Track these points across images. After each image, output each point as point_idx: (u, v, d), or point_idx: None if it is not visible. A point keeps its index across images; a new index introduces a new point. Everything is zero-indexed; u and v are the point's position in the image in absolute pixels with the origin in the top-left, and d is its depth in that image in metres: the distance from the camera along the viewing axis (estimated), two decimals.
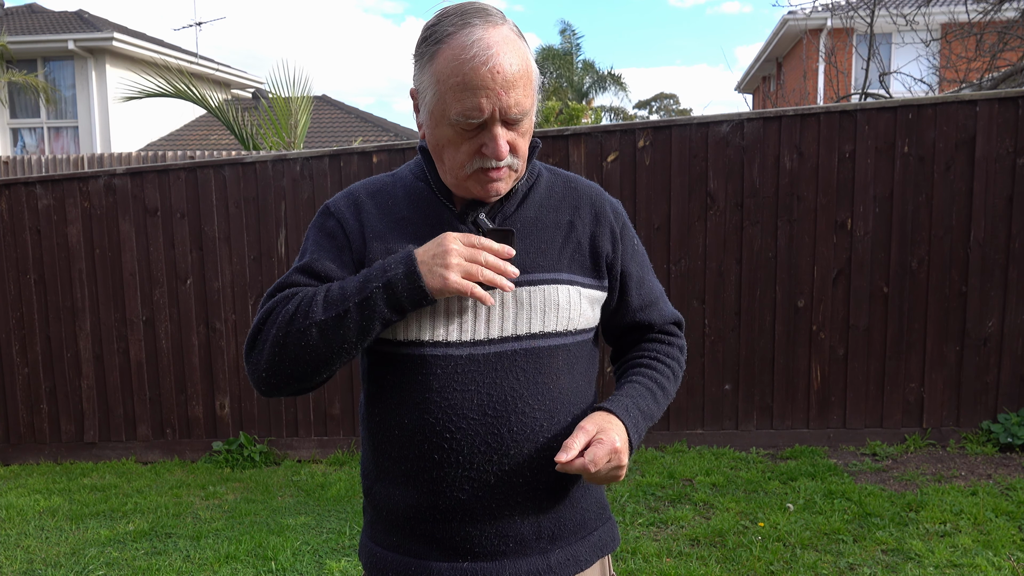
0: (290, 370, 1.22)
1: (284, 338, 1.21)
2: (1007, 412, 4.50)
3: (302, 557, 3.50)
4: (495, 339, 1.24)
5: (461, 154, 1.22)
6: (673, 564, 3.21)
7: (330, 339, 1.20)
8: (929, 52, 8.21)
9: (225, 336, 5.10)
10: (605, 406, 1.26)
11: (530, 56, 1.24)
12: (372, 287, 1.19)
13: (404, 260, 1.19)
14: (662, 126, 4.75)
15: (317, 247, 1.30)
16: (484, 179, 1.23)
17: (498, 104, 1.17)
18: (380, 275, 1.19)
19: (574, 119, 22.43)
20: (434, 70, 1.20)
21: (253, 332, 1.25)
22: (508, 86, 1.17)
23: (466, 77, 1.16)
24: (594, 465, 1.15)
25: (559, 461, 1.14)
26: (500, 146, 1.20)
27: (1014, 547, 3.21)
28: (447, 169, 1.26)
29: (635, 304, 1.39)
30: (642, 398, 1.31)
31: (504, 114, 1.18)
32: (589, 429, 1.19)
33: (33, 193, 5.19)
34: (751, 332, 4.69)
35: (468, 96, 1.17)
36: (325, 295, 1.21)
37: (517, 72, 1.18)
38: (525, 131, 1.24)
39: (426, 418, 1.23)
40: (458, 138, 1.21)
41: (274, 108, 7.84)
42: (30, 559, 3.67)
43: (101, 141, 14.37)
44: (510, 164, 1.24)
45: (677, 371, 1.41)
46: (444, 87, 1.19)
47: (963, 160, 4.45)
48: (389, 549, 1.31)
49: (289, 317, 1.21)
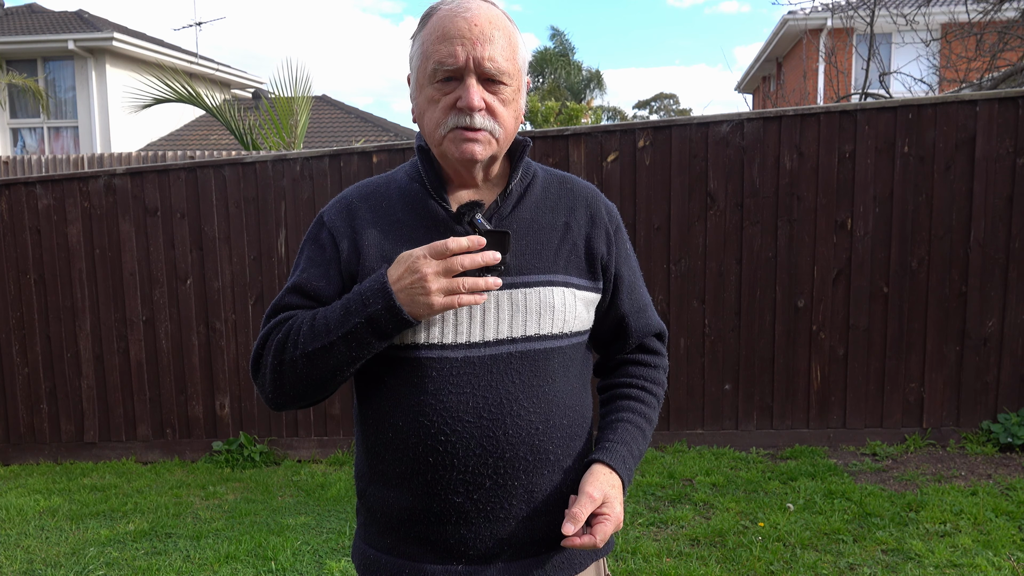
0: (291, 392, 1.26)
1: (279, 366, 1.24)
2: (1007, 412, 4.50)
3: (302, 557, 3.50)
4: (490, 341, 1.24)
5: (438, 111, 1.23)
6: (673, 564, 3.21)
7: (320, 367, 1.22)
8: (929, 52, 8.21)
9: (225, 336, 5.10)
10: (604, 460, 1.27)
11: (516, 34, 1.27)
12: (354, 322, 1.19)
13: (381, 294, 1.17)
14: (662, 126, 4.75)
15: (309, 262, 1.32)
16: (459, 138, 1.23)
17: (473, 53, 1.20)
18: (360, 309, 1.19)
19: (573, 119, 22.44)
20: (421, 38, 1.25)
21: (255, 357, 1.30)
22: (484, 39, 1.20)
23: (444, 28, 1.21)
24: (603, 542, 1.19)
25: (566, 533, 1.16)
26: (472, 95, 1.20)
27: (1014, 547, 3.21)
28: (427, 133, 1.27)
29: (624, 308, 1.39)
30: (635, 441, 1.33)
31: (479, 65, 1.20)
32: (596, 497, 1.21)
33: (33, 193, 5.20)
34: (751, 332, 4.69)
35: (444, 45, 1.20)
36: (311, 325, 1.22)
37: (496, 32, 1.21)
38: (505, 100, 1.24)
39: (421, 420, 1.22)
40: (436, 94, 1.23)
41: (275, 108, 7.84)
42: (30, 559, 3.67)
43: (101, 141, 14.37)
44: (490, 129, 1.23)
45: (661, 396, 1.44)
46: (426, 45, 1.23)
47: (963, 160, 4.45)
48: (383, 551, 1.30)
49: (280, 346, 1.24)
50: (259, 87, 18.29)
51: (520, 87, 1.28)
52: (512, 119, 1.27)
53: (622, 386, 1.42)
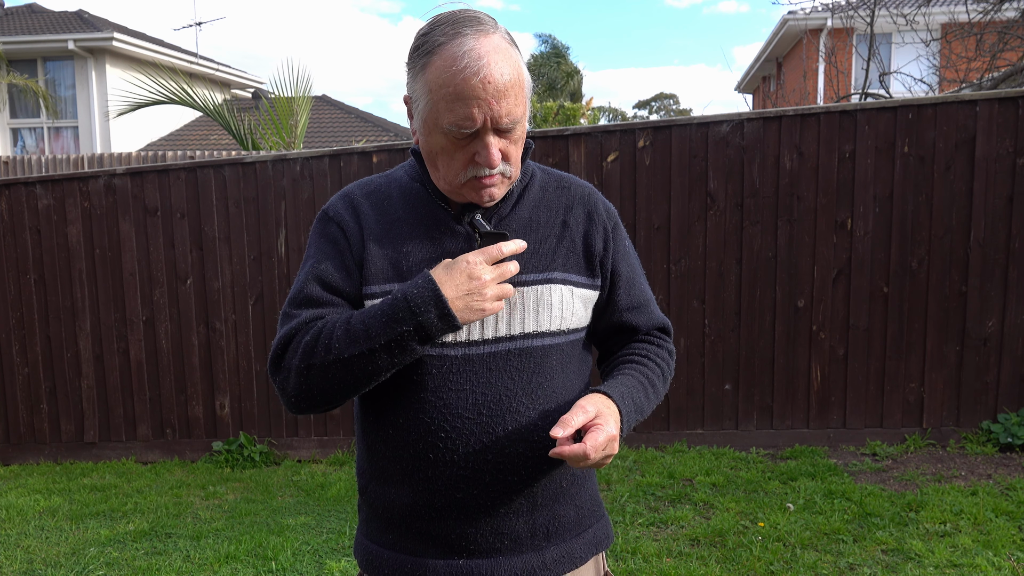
0: (319, 396, 1.24)
1: (307, 370, 1.21)
2: (1007, 412, 4.50)
3: (302, 557, 3.50)
4: (489, 339, 1.25)
5: (455, 163, 1.23)
6: (673, 564, 3.21)
7: (356, 372, 1.20)
8: (929, 52, 8.21)
9: (225, 336, 5.10)
10: (602, 389, 1.25)
11: (522, 63, 1.24)
12: (402, 330, 1.17)
13: (434, 301, 1.17)
14: (662, 126, 4.75)
15: (322, 255, 1.30)
16: (478, 185, 1.24)
17: (490, 114, 1.18)
18: (408, 316, 1.17)
19: (571, 119, 22.45)
20: (426, 79, 1.20)
21: (275, 354, 1.26)
22: (500, 95, 1.17)
23: (458, 88, 1.16)
24: (594, 451, 1.14)
25: (554, 436, 1.12)
26: (492, 154, 1.20)
27: (1014, 547, 3.21)
28: (441, 176, 1.26)
29: (623, 304, 1.39)
30: (636, 391, 1.30)
31: (496, 123, 1.19)
32: (589, 410, 1.18)
33: (33, 193, 5.20)
34: (751, 332, 4.69)
35: (460, 106, 1.17)
36: (346, 330, 1.20)
37: (508, 81, 1.18)
38: (517, 138, 1.25)
39: (421, 417, 1.24)
40: (451, 146, 1.22)
41: (275, 108, 7.83)
42: (30, 559, 3.67)
43: (101, 141, 14.37)
44: (503, 171, 1.24)
45: (667, 373, 1.40)
46: (436, 97, 1.19)
47: (963, 160, 4.45)
48: (385, 547, 1.32)
49: (309, 349, 1.21)
50: (259, 87, 18.29)
51: (526, 110, 1.26)
52: (521, 146, 1.28)
53: (624, 354, 1.40)
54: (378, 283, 1.27)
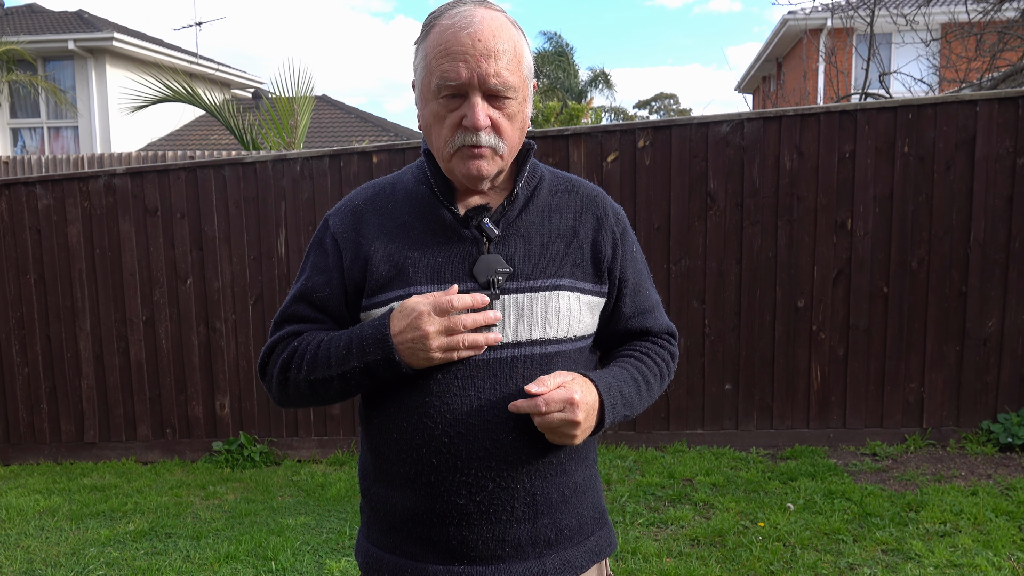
0: (297, 402, 1.36)
1: (284, 382, 1.32)
2: (1007, 412, 4.49)
3: (302, 557, 3.50)
4: (496, 345, 1.24)
5: (445, 129, 1.23)
6: (673, 564, 3.21)
7: (321, 392, 1.30)
8: (929, 52, 8.21)
9: (225, 336, 5.10)
10: (586, 373, 1.26)
11: (521, 42, 1.24)
12: (353, 365, 1.23)
13: (381, 345, 1.21)
14: (662, 126, 4.75)
15: (314, 269, 1.34)
16: (467, 155, 1.23)
17: (477, 71, 1.18)
18: (360, 355, 1.23)
19: (574, 119, 22.43)
20: (424, 49, 1.23)
21: (262, 362, 1.36)
22: (488, 54, 1.18)
23: (448, 44, 1.19)
24: (546, 404, 1.16)
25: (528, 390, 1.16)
26: (477, 114, 1.19)
27: (1014, 547, 3.21)
28: (435, 149, 1.27)
29: (628, 311, 1.38)
30: (624, 382, 1.30)
31: (483, 82, 1.19)
32: (566, 376, 1.21)
33: (33, 193, 5.19)
34: (751, 332, 4.69)
35: (448, 60, 1.19)
36: (314, 354, 1.27)
37: (500, 45, 1.19)
38: (511, 114, 1.24)
39: (425, 422, 1.23)
40: (442, 110, 1.22)
41: (276, 107, 7.83)
42: (30, 559, 3.67)
43: (101, 141, 14.36)
44: (493, 145, 1.23)
45: (664, 372, 1.40)
46: (430, 59, 1.21)
47: (963, 160, 4.45)
48: (386, 550, 1.31)
49: (284, 366, 1.31)
50: (259, 87, 18.29)
51: (527, 96, 1.26)
52: (518, 131, 1.27)
53: (623, 350, 1.40)
54: (382, 292, 1.27)
